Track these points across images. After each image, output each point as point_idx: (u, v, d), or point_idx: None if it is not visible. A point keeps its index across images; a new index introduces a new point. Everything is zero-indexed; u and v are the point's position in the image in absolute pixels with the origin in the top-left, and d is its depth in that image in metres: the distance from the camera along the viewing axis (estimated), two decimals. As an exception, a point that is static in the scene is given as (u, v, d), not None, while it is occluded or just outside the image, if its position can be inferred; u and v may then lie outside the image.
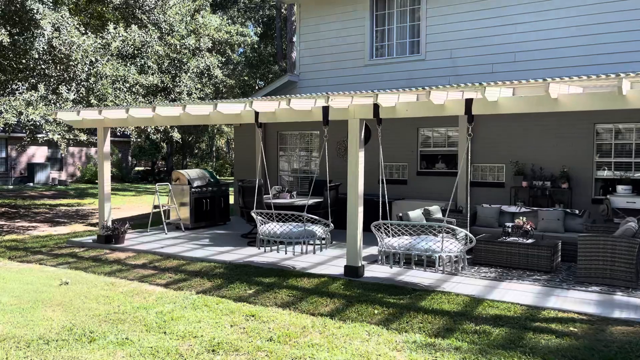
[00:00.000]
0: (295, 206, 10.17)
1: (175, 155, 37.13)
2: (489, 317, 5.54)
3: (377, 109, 7.02)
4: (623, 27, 9.68)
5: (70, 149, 29.06)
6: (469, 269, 7.64)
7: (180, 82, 14.52)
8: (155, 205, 11.38)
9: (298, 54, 13.56)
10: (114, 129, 15.62)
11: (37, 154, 28.43)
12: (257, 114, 7.94)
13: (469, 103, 6.35)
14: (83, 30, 12.53)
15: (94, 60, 11.96)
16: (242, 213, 10.38)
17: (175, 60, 14.76)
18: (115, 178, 30.58)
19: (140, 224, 12.71)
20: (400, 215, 8.57)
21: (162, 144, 32.62)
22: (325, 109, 7.33)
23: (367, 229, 8.31)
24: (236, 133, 14.67)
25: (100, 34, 12.81)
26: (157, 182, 21.49)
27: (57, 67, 11.93)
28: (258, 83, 32.24)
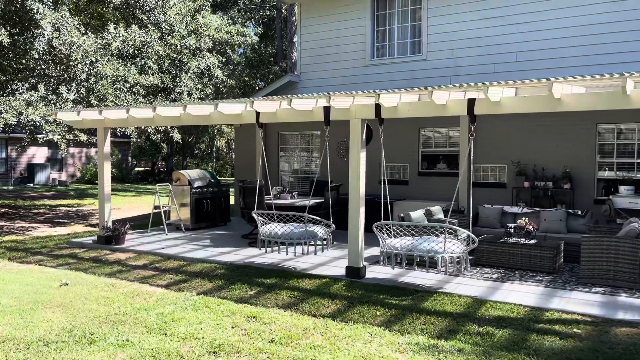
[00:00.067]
0: (296, 207, 10.14)
1: (176, 155, 37.12)
2: (492, 319, 5.51)
3: (379, 109, 6.98)
4: (624, 27, 9.65)
5: (70, 149, 29.03)
6: (471, 269, 7.61)
7: (180, 83, 14.49)
8: (156, 206, 11.34)
9: (298, 54, 13.53)
10: (114, 129, 15.56)
11: (37, 155, 28.40)
12: (258, 114, 7.90)
13: (471, 103, 6.31)
14: (83, 31, 12.50)
15: (94, 60, 11.93)
16: (243, 214, 10.34)
17: (176, 61, 14.73)
18: (115, 178, 30.55)
19: (140, 224, 12.68)
20: (401, 215, 8.53)
21: (163, 144, 32.60)
22: (327, 109, 7.30)
23: (368, 230, 8.26)
24: (236, 133, 14.64)
25: (101, 34, 12.78)
26: (158, 183, 21.40)
27: (57, 67, 11.90)
28: (258, 83, 32.22)
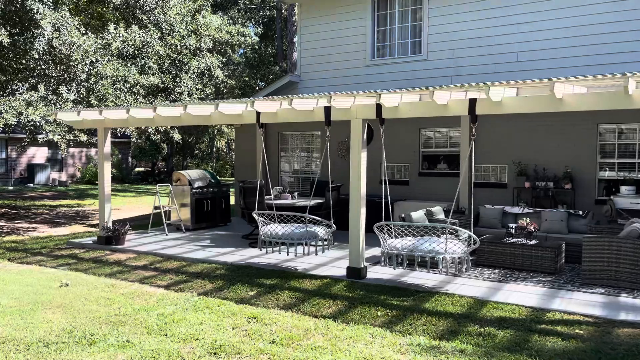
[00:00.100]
0: (297, 207, 10.12)
1: (176, 156, 37.11)
2: (493, 319, 5.49)
3: (380, 109, 6.97)
4: (626, 27, 9.63)
5: (70, 149, 29.02)
6: (473, 270, 7.59)
7: (180, 83, 14.47)
8: (156, 206, 11.32)
9: (299, 54, 13.51)
10: (114, 129, 15.54)
11: (37, 155, 28.39)
12: (259, 114, 7.88)
13: (473, 103, 6.29)
14: (83, 31, 12.48)
15: (95, 60, 11.91)
16: (243, 214, 10.32)
17: (176, 61, 14.71)
18: (115, 179, 30.53)
19: (140, 225, 12.66)
20: (402, 216, 8.51)
21: (163, 144, 32.59)
22: (328, 109, 7.28)
23: (369, 230, 8.24)
24: (237, 134, 14.62)
25: (101, 34, 12.76)
26: (158, 183, 21.45)
27: (57, 68, 11.88)
28: (258, 84, 32.20)
